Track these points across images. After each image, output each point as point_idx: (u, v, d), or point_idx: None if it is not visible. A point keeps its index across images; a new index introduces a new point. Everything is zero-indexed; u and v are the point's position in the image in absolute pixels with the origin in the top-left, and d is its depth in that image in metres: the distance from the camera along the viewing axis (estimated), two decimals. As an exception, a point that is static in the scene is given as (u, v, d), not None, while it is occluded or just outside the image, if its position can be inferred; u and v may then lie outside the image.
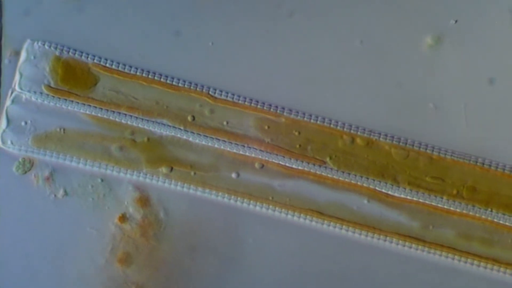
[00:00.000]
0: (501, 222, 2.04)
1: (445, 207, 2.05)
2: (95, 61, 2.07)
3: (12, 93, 2.06)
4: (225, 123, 2.07)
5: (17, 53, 2.07)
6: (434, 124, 2.07)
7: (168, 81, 2.07)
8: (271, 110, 2.07)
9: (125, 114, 2.06)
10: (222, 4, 2.11)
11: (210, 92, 2.07)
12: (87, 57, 2.08)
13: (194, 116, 2.06)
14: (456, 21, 1.99)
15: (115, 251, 2.03)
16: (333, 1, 2.12)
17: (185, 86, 2.07)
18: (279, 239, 2.06)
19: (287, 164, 2.06)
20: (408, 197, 2.05)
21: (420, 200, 2.05)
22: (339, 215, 2.05)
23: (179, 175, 2.06)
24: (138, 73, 2.07)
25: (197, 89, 2.07)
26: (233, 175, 2.06)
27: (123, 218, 2.03)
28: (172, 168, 2.06)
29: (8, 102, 2.06)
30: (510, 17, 2.09)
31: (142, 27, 2.10)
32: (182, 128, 2.06)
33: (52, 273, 2.06)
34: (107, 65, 2.07)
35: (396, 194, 2.05)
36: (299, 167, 2.06)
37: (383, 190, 2.05)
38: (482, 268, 2.03)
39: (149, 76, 2.07)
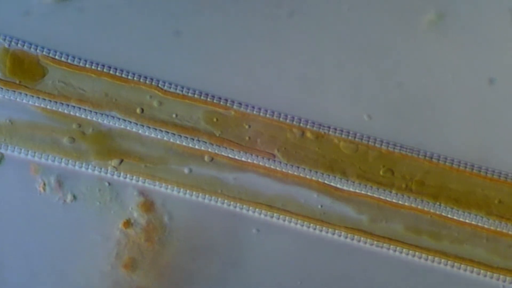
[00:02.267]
0: (449, 216, 2.05)
1: (394, 200, 2.06)
2: (44, 53, 2.07)
3: (-39, 84, 2.07)
4: (174, 115, 2.07)
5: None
6: (433, 126, 2.07)
7: (117, 74, 2.07)
8: (221, 103, 2.07)
9: (74, 106, 2.06)
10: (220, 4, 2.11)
11: (159, 85, 2.07)
12: (36, 49, 2.07)
13: (143, 108, 2.07)
14: None
15: (120, 256, 2.04)
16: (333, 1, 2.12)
17: (135, 78, 2.07)
18: (279, 243, 2.07)
19: (236, 157, 2.06)
20: (357, 191, 2.06)
21: (369, 194, 2.06)
22: (288, 208, 2.06)
23: (129, 168, 2.06)
24: (87, 65, 2.07)
25: (147, 81, 2.07)
26: (183, 168, 2.06)
27: (128, 223, 2.04)
28: (121, 161, 2.06)
29: (-43, 93, 2.06)
30: (510, 17, 2.08)
31: (142, 27, 2.09)
32: (131, 120, 2.06)
33: (57, 279, 2.06)
34: (56, 57, 2.07)
35: (345, 188, 2.06)
36: (249, 160, 2.06)
37: (332, 184, 2.06)
38: (430, 261, 2.05)
39: (98, 69, 2.07)
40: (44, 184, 2.04)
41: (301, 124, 2.06)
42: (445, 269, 2.05)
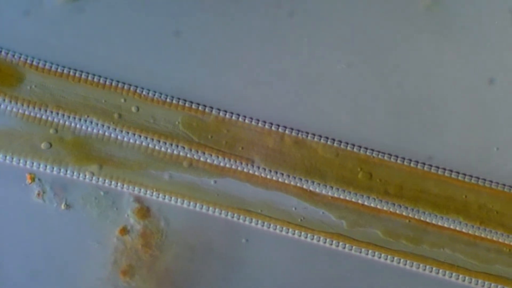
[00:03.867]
0: (427, 220, 2.05)
1: (372, 205, 2.06)
2: (21, 59, 2.07)
3: None
4: (152, 121, 2.07)
5: None
6: (432, 126, 2.07)
7: (95, 79, 2.07)
8: (199, 108, 2.07)
9: (52, 112, 2.06)
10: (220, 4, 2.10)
11: (137, 91, 2.07)
12: (13, 55, 2.07)
13: (121, 113, 2.06)
14: None
15: (118, 263, 2.03)
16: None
17: (113, 84, 2.07)
18: (263, 248, 2.07)
19: (215, 163, 2.06)
20: (335, 195, 2.06)
21: (347, 198, 2.06)
22: (268, 213, 2.06)
23: (108, 173, 2.06)
24: (65, 71, 2.07)
25: (124, 87, 2.07)
26: (162, 174, 2.06)
27: (124, 230, 2.04)
28: (101, 166, 2.06)
29: None
30: (510, 17, 2.08)
31: (141, 27, 2.09)
32: (109, 125, 2.06)
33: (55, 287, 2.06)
34: (34, 63, 2.07)
35: (323, 192, 2.06)
36: (227, 165, 2.06)
37: (311, 189, 2.06)
38: (409, 266, 2.05)
39: (76, 75, 2.07)
40: (39, 192, 2.03)
41: (280, 129, 2.07)
42: (423, 273, 2.05)
